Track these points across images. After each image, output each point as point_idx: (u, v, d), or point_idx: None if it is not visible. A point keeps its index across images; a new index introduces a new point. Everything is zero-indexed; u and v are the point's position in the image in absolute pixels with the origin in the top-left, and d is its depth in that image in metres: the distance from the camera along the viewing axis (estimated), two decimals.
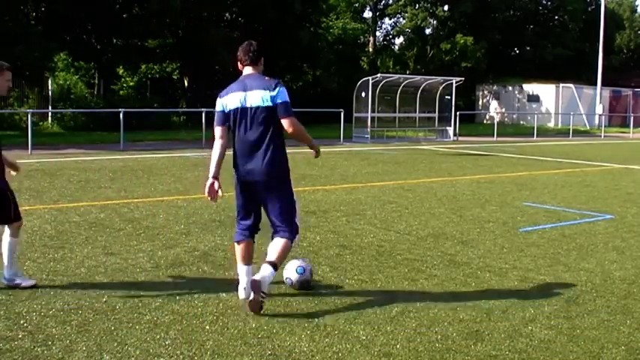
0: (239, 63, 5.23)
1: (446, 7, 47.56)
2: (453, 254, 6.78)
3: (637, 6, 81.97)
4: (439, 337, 4.47)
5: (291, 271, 5.39)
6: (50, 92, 30.35)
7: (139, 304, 4.97)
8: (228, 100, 5.06)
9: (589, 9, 52.25)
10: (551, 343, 4.41)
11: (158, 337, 4.35)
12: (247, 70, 5.17)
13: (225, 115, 5.09)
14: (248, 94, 4.99)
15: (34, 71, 27.84)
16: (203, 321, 4.66)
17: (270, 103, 4.96)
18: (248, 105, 4.98)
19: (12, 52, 25.09)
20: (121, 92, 34.07)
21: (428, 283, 5.70)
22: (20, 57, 25.40)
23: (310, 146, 5.42)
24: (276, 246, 5.07)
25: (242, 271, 5.17)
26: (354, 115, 25.82)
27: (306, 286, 5.39)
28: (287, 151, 5.22)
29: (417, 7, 47.33)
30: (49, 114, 28.66)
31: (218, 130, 5.14)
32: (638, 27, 61.54)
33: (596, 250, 7.11)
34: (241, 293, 5.13)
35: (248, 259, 5.19)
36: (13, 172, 5.83)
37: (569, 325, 4.74)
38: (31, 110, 23.29)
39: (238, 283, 5.20)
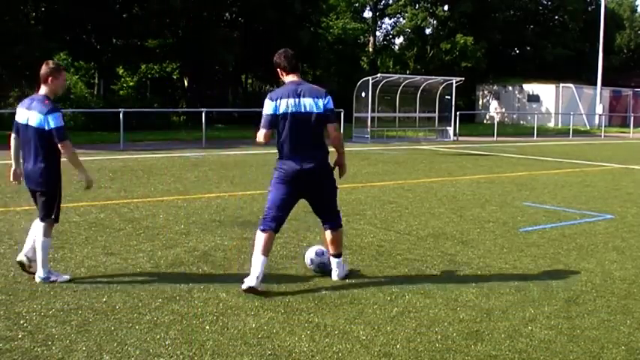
0: (281, 71, 5.61)
1: (446, 7, 47.56)
2: (453, 254, 6.78)
3: (637, 6, 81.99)
4: (439, 337, 4.47)
5: (311, 252, 5.92)
6: None
7: (139, 304, 4.97)
8: (282, 104, 5.45)
9: (589, 9, 52.25)
10: (551, 343, 4.41)
11: (158, 337, 4.35)
12: (292, 77, 5.58)
13: (275, 118, 5.47)
14: (302, 100, 5.45)
15: (34, 71, 27.81)
16: (203, 321, 4.66)
17: (322, 110, 5.47)
18: (303, 110, 5.43)
19: (12, 52, 25.14)
20: (121, 92, 34.08)
21: (428, 283, 5.70)
22: (20, 57, 25.42)
23: (339, 158, 5.74)
24: (334, 237, 5.74)
25: (259, 261, 5.34)
26: (354, 115, 25.82)
27: (323, 268, 5.83)
28: None
29: (417, 7, 47.33)
30: None
31: (264, 133, 5.55)
32: (638, 27, 61.57)
33: (596, 250, 7.11)
34: (251, 281, 5.25)
35: (267, 251, 5.44)
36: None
37: (569, 325, 4.74)
38: None
39: (248, 275, 5.31)
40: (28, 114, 5.56)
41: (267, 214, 5.51)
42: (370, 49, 49.84)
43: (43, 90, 5.63)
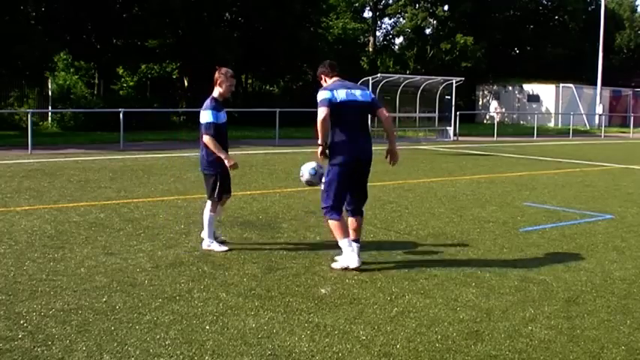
0: (325, 76, 6.31)
1: (446, 7, 47.58)
2: (453, 254, 6.78)
3: (637, 6, 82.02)
4: (439, 337, 4.47)
5: (306, 168, 6.43)
6: (50, 92, 30.35)
7: (139, 304, 4.97)
8: (338, 93, 6.02)
9: (589, 9, 52.28)
10: (551, 343, 4.41)
11: (158, 337, 4.35)
12: (337, 78, 6.27)
13: (333, 101, 5.97)
14: (353, 91, 6.10)
15: (34, 71, 27.85)
16: (203, 321, 4.66)
17: (369, 99, 6.18)
18: (356, 99, 6.06)
19: (12, 52, 25.13)
20: (121, 92, 34.04)
21: (428, 283, 5.70)
22: (20, 57, 25.43)
23: (391, 145, 6.40)
24: (359, 224, 6.24)
25: (347, 243, 6.03)
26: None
27: (311, 185, 6.53)
28: (289, 151, 5.28)
29: (417, 7, 47.35)
30: (49, 114, 28.67)
31: (325, 111, 5.93)
32: (638, 27, 61.55)
33: (596, 250, 7.11)
34: (356, 261, 5.99)
35: (348, 232, 6.09)
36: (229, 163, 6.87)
37: (569, 325, 4.74)
38: (31, 110, 23.28)
39: (340, 256, 6.06)
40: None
41: (337, 205, 6.04)
42: (370, 49, 49.85)
43: (214, 92, 6.84)
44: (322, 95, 5.99)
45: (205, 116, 6.76)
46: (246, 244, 7.06)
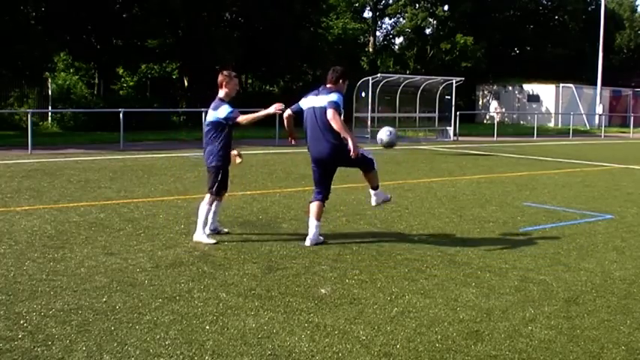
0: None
1: (446, 7, 47.58)
2: (453, 254, 6.78)
3: (637, 6, 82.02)
4: (439, 337, 4.47)
5: (383, 134, 7.45)
6: (50, 92, 30.35)
7: (139, 304, 4.97)
8: (305, 101, 7.14)
9: (589, 9, 52.27)
10: (551, 343, 4.41)
11: (158, 337, 4.35)
12: (323, 86, 7.10)
13: (299, 108, 7.19)
14: (319, 96, 6.98)
15: (34, 71, 27.85)
16: (203, 321, 4.66)
17: (325, 104, 6.83)
18: (314, 105, 6.95)
19: (12, 52, 25.14)
20: (121, 92, 34.08)
21: (428, 283, 5.70)
22: (20, 57, 25.43)
23: (344, 140, 6.77)
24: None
25: (316, 223, 7.03)
26: (354, 114, 25.81)
27: (391, 146, 7.65)
28: (289, 151, 5.29)
29: (417, 7, 47.33)
30: (49, 114, 28.67)
31: (288, 111, 7.10)
32: (638, 27, 61.57)
33: (596, 250, 7.11)
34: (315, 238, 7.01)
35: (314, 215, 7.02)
36: (238, 160, 7.49)
37: (569, 325, 4.74)
38: (31, 110, 23.27)
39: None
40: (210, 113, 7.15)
41: (314, 190, 7.19)
42: (370, 49, 49.84)
43: (220, 93, 7.17)
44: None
45: (223, 110, 7.07)
46: (246, 244, 7.06)
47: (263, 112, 7.02)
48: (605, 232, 8.14)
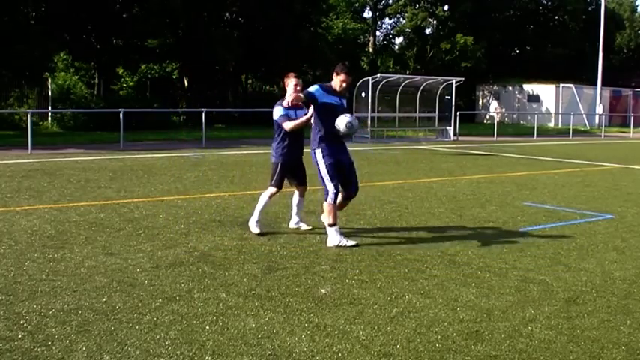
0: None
1: (446, 7, 47.58)
2: (453, 254, 6.77)
3: (637, 6, 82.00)
4: (439, 337, 4.47)
5: (342, 123, 7.00)
6: (50, 92, 30.35)
7: (139, 304, 4.97)
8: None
9: (589, 9, 52.28)
10: (551, 343, 4.41)
11: (158, 337, 4.34)
12: None
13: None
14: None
15: (34, 71, 27.86)
16: (203, 321, 4.66)
17: None
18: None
19: (12, 52, 25.13)
20: (121, 92, 34.09)
21: (428, 283, 5.70)
22: (20, 57, 25.41)
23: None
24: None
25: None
26: (354, 114, 25.80)
27: (351, 130, 7.11)
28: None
29: (417, 7, 47.35)
30: (49, 114, 28.67)
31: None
32: (638, 27, 61.58)
33: (596, 250, 7.11)
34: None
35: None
36: None
37: (569, 325, 4.74)
38: (31, 110, 23.28)
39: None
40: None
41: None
42: (370, 49, 49.86)
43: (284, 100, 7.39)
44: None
45: (275, 112, 7.49)
46: (246, 244, 7.06)
47: (304, 118, 7.37)
48: (605, 232, 8.14)
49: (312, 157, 7.15)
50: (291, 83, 7.42)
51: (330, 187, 6.99)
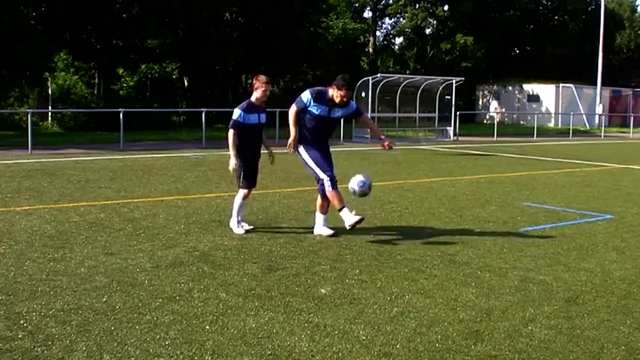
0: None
1: (446, 7, 47.57)
2: (453, 254, 6.78)
3: (637, 6, 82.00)
4: (439, 337, 4.47)
5: (354, 183, 7.37)
6: (50, 92, 30.35)
7: (139, 304, 4.97)
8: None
9: (589, 9, 52.26)
10: (551, 343, 4.41)
11: (158, 337, 4.35)
12: None
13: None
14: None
15: (34, 71, 27.86)
16: (203, 321, 4.66)
17: None
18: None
19: (12, 52, 25.13)
20: (121, 92, 34.07)
21: (428, 283, 5.70)
22: (20, 57, 25.42)
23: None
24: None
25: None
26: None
27: (364, 195, 7.52)
28: (286, 151, 5.26)
29: (417, 7, 47.33)
30: (49, 114, 28.67)
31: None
32: (638, 27, 61.54)
33: (596, 250, 7.11)
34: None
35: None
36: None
37: (569, 325, 4.74)
38: (31, 110, 23.28)
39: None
40: None
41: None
42: (370, 49, 49.84)
43: (252, 96, 7.59)
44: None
45: (234, 114, 7.70)
46: (246, 244, 7.06)
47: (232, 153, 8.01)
48: (605, 232, 8.14)
49: (298, 156, 7.55)
50: (260, 89, 7.53)
51: (323, 175, 7.27)
